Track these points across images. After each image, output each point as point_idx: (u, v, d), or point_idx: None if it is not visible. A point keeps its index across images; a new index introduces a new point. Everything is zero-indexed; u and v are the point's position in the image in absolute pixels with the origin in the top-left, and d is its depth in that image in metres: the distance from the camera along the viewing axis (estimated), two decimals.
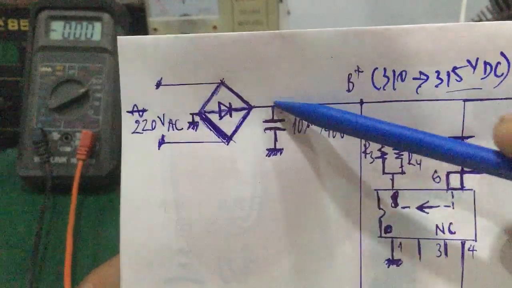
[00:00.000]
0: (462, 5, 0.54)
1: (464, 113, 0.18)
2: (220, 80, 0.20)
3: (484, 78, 0.18)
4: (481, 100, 0.18)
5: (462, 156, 0.15)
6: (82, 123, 0.43)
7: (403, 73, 0.19)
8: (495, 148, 0.15)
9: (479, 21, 0.51)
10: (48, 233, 0.40)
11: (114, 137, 0.44)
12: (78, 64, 0.44)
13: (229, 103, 0.20)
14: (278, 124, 0.20)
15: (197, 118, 0.20)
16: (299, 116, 0.19)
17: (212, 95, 0.20)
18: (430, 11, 0.72)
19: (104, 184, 0.43)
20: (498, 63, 0.18)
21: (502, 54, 0.18)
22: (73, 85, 0.44)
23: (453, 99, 0.18)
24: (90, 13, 0.45)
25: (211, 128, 0.20)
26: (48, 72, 0.44)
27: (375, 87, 0.19)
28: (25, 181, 0.44)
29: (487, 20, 0.51)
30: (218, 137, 0.20)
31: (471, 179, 0.19)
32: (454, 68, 0.18)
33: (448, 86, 0.18)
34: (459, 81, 0.18)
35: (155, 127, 0.20)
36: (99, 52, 0.45)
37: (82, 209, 0.42)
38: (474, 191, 0.19)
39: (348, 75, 0.19)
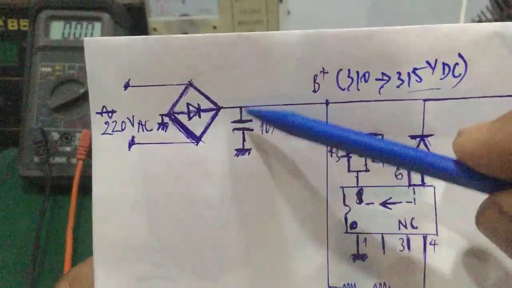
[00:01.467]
0: (462, 5, 0.54)
1: (424, 112, 0.19)
2: (189, 81, 0.20)
3: (443, 78, 0.19)
4: (440, 99, 0.19)
5: (424, 165, 0.16)
6: (82, 123, 0.43)
7: (366, 74, 0.19)
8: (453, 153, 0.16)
9: (479, 21, 0.51)
10: (48, 233, 0.40)
11: None
12: (78, 64, 0.44)
13: (198, 104, 0.20)
14: (246, 125, 0.20)
15: (166, 119, 0.20)
16: (268, 123, 0.19)
17: (181, 96, 0.20)
18: (430, 11, 0.72)
19: None
20: (456, 64, 0.19)
21: (459, 55, 0.19)
22: (73, 85, 0.44)
23: (414, 99, 0.19)
24: (90, 13, 0.45)
25: (180, 129, 0.20)
26: (48, 72, 0.44)
27: (340, 88, 0.19)
28: (25, 181, 0.44)
29: (487, 20, 0.51)
30: (188, 138, 0.20)
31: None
32: (415, 69, 0.19)
33: (409, 86, 0.19)
34: (419, 81, 0.19)
35: (124, 128, 0.20)
36: None
37: (82, 209, 0.42)
38: (434, 187, 0.19)
39: (314, 76, 0.19)
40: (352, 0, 0.75)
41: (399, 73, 0.19)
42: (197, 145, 0.20)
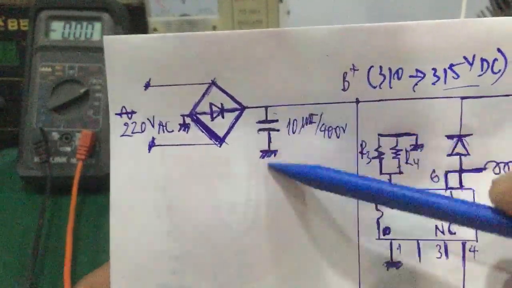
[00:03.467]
0: (462, 5, 0.54)
1: (461, 111, 0.18)
2: (211, 80, 0.19)
3: (481, 75, 0.18)
4: (478, 97, 0.18)
5: (460, 215, 0.15)
6: (82, 123, 0.43)
7: (400, 70, 0.18)
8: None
9: None
10: (48, 233, 0.40)
11: None
12: (78, 64, 0.44)
13: (221, 104, 0.19)
14: (272, 125, 0.19)
15: (188, 120, 0.19)
16: (294, 178, 0.19)
17: (203, 95, 0.19)
18: (430, 11, 0.72)
19: (104, 184, 0.43)
20: (495, 59, 0.18)
21: (499, 50, 0.18)
22: (73, 85, 0.44)
23: (451, 97, 0.18)
24: (90, 13, 0.45)
25: (203, 130, 0.19)
26: (48, 72, 0.44)
27: (371, 85, 0.19)
28: (25, 181, 0.44)
29: None
30: (210, 139, 0.19)
31: (470, 178, 0.18)
32: (451, 65, 0.18)
33: (445, 83, 0.18)
34: (456, 78, 0.18)
35: (144, 129, 0.19)
36: (99, 52, 0.45)
37: (82, 209, 0.42)
38: (474, 190, 0.18)
39: (343, 73, 0.19)
40: (352, 0, 0.75)
41: (434, 69, 0.18)
42: (220, 146, 0.19)
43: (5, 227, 0.41)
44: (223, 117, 0.19)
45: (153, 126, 0.19)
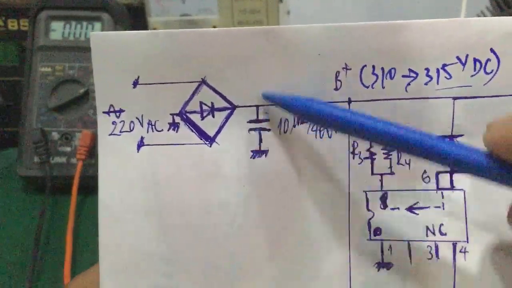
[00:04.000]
0: (462, 5, 0.54)
1: (453, 111, 0.18)
2: (202, 79, 0.19)
3: (474, 75, 0.18)
4: (471, 98, 0.18)
5: (454, 158, 0.15)
6: (82, 123, 0.43)
7: (392, 70, 0.18)
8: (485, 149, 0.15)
9: None
10: (48, 233, 0.40)
11: None
12: (78, 64, 0.44)
13: (211, 103, 0.19)
14: (263, 125, 0.19)
15: (177, 119, 0.19)
16: (288, 109, 0.18)
17: (193, 94, 0.19)
18: (430, 11, 0.72)
19: None
20: (488, 60, 0.18)
21: (491, 50, 0.18)
22: (73, 85, 0.44)
23: (443, 97, 0.18)
24: (90, 13, 0.45)
25: (193, 129, 0.19)
26: (48, 72, 0.44)
27: (363, 85, 0.18)
28: (25, 181, 0.44)
29: None
30: (200, 139, 0.19)
31: (461, 179, 0.18)
32: (444, 65, 0.18)
33: (437, 83, 0.18)
34: (449, 78, 0.18)
35: (133, 128, 0.19)
36: None
37: (82, 209, 0.42)
38: (465, 191, 0.18)
39: (336, 72, 0.18)
40: (352, 0, 0.75)
41: (427, 69, 0.18)
42: (210, 146, 0.19)
43: (5, 227, 0.41)
44: (213, 116, 0.19)
45: (142, 125, 0.19)
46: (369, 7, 0.75)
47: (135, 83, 0.19)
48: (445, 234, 0.18)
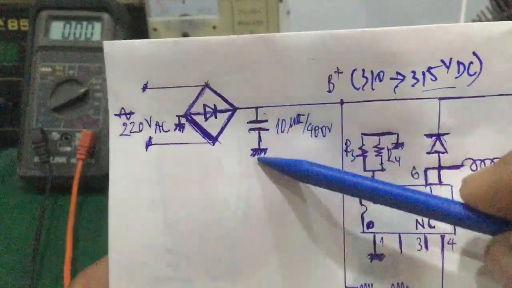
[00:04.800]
0: (462, 5, 0.54)
1: (439, 111, 0.19)
2: (205, 83, 0.20)
3: (458, 77, 0.19)
4: (455, 98, 0.19)
5: (435, 211, 0.17)
6: (82, 123, 0.43)
7: (381, 73, 0.19)
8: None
9: (479, 21, 0.51)
10: (48, 233, 0.40)
11: None
12: (78, 64, 0.44)
13: (214, 105, 0.20)
14: (262, 125, 0.20)
15: (183, 120, 0.20)
16: (282, 172, 0.20)
17: (197, 97, 0.20)
18: (430, 11, 0.72)
19: (104, 184, 0.43)
20: (471, 62, 0.19)
21: (474, 53, 0.19)
22: (73, 85, 0.44)
23: (429, 98, 0.19)
24: (90, 13, 0.46)
25: (197, 130, 0.20)
26: (48, 72, 0.44)
27: (354, 87, 0.19)
28: (25, 181, 0.44)
29: (487, 20, 0.51)
30: (204, 138, 0.20)
31: (448, 175, 0.19)
32: (429, 68, 0.19)
33: (423, 85, 0.19)
34: (434, 80, 0.19)
35: (142, 129, 0.21)
36: (99, 52, 0.45)
37: (82, 209, 0.42)
38: (452, 186, 0.19)
39: (329, 76, 0.20)
40: (352, 0, 0.75)
41: (413, 72, 0.19)
42: (213, 145, 0.20)
43: (5, 227, 0.41)
44: (216, 117, 0.20)
45: (150, 126, 0.20)
46: (369, 7, 0.75)
47: (144, 87, 0.20)
48: (434, 227, 0.19)
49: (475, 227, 0.17)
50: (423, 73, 0.19)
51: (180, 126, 0.20)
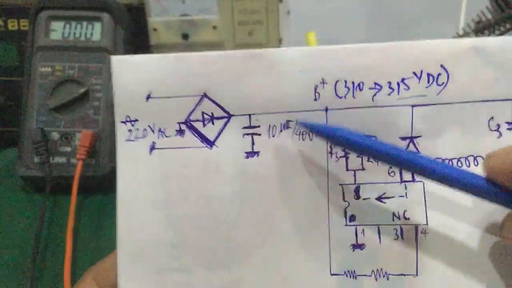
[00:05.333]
0: (462, 5, 0.54)
1: (412, 116, 0.22)
2: (203, 93, 0.23)
3: (428, 86, 0.22)
4: (426, 105, 0.22)
5: (458, 182, 0.19)
6: (82, 123, 0.43)
7: (361, 84, 0.22)
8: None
9: (479, 21, 0.51)
10: (48, 233, 0.40)
11: (114, 137, 0.43)
12: (78, 64, 0.44)
13: (212, 113, 0.23)
14: (255, 130, 0.23)
15: (183, 126, 0.23)
16: (320, 136, 0.22)
17: (196, 106, 0.23)
18: (430, 11, 0.72)
19: (104, 184, 0.43)
20: (439, 74, 0.21)
21: (442, 66, 0.21)
22: (73, 85, 0.44)
23: (403, 105, 0.22)
24: (90, 13, 0.46)
25: (196, 135, 0.23)
26: (48, 72, 0.44)
27: (337, 96, 0.22)
28: (25, 181, 0.44)
29: (487, 19, 0.51)
30: (202, 143, 0.23)
31: None
32: (403, 79, 0.22)
33: (398, 94, 0.22)
34: (407, 90, 0.22)
35: (146, 135, 0.23)
36: (99, 52, 0.45)
37: (82, 209, 0.42)
38: (423, 183, 0.22)
39: (315, 86, 0.22)
40: (352, 0, 0.75)
41: (389, 82, 0.22)
42: (211, 149, 0.23)
43: (5, 227, 0.41)
44: (213, 123, 0.23)
45: (153, 132, 0.23)
46: (369, 7, 0.75)
47: (148, 97, 0.23)
48: (408, 219, 0.22)
49: (495, 200, 0.19)
50: (398, 84, 0.22)
51: (180, 132, 0.23)
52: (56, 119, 0.44)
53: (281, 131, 0.22)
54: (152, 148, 0.23)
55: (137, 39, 0.49)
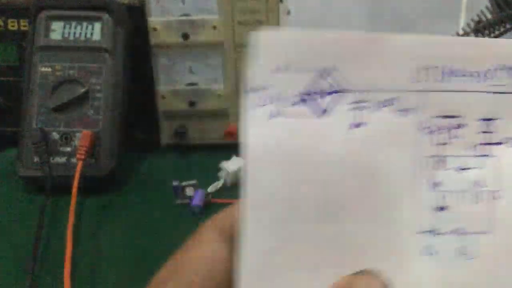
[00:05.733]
0: (462, 5, 0.54)
1: (493, 102, 0.25)
2: (322, 69, 0.26)
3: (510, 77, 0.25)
4: (507, 93, 0.25)
5: None
6: (82, 123, 0.43)
7: (456, 71, 0.26)
8: None
9: (479, 21, 0.51)
10: (48, 233, 0.40)
11: (113, 137, 0.44)
12: (78, 64, 0.44)
13: (328, 87, 0.26)
14: (361, 105, 0.26)
15: (302, 98, 0.26)
16: None
17: (314, 80, 0.26)
18: (430, 11, 0.72)
19: (104, 184, 0.43)
20: None
21: None
22: (73, 85, 0.44)
23: (487, 92, 0.26)
24: (90, 13, 0.46)
25: (312, 106, 0.26)
26: (48, 72, 0.44)
27: (436, 80, 0.25)
28: (25, 181, 0.44)
29: (487, 19, 0.51)
30: (316, 113, 0.26)
31: (495, 149, 0.25)
32: (489, 70, 0.25)
33: (485, 82, 0.25)
34: (492, 79, 0.25)
35: (270, 103, 0.26)
36: (99, 52, 0.45)
37: (82, 209, 0.42)
38: (497, 157, 0.26)
39: (418, 70, 0.25)
40: (352, 0, 0.75)
41: (477, 72, 0.25)
42: (323, 119, 0.26)
43: (5, 227, 0.41)
44: (326, 98, 0.26)
45: (277, 101, 0.26)
46: (369, 7, 0.75)
47: (274, 71, 0.26)
48: (487, 186, 0.26)
49: None
50: (485, 73, 0.25)
51: (299, 103, 0.26)
52: (56, 119, 0.44)
53: (384, 107, 0.26)
54: (272, 116, 0.26)
55: (137, 39, 0.49)
